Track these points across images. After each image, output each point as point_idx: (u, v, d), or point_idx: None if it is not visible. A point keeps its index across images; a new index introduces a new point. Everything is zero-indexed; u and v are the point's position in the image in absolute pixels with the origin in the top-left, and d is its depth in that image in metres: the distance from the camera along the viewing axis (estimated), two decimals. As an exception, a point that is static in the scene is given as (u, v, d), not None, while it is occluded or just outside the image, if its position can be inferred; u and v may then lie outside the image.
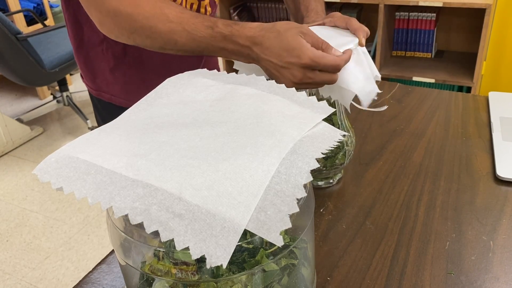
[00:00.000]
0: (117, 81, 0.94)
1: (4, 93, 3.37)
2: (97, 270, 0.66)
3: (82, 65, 0.97)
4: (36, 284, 1.80)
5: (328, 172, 0.77)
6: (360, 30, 0.72)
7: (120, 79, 0.94)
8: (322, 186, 0.80)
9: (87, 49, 0.94)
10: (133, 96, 0.62)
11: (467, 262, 0.64)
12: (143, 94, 0.57)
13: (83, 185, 0.42)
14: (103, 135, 0.50)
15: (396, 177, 0.82)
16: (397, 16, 2.50)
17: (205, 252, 0.37)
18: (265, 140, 0.45)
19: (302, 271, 0.51)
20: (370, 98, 0.71)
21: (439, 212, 0.73)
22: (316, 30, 0.73)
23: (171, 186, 0.41)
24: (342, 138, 0.50)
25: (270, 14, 2.86)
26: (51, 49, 2.60)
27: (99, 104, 1.00)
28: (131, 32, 0.70)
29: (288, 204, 0.40)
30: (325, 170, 0.76)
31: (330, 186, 0.80)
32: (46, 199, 2.27)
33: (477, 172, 0.82)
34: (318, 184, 0.79)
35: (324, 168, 0.75)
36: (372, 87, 0.72)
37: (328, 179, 0.80)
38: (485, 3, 2.09)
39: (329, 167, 0.76)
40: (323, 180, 0.79)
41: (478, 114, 1.00)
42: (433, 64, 2.48)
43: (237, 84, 0.57)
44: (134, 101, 0.56)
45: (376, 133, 0.96)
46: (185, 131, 0.48)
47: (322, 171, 0.76)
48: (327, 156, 0.74)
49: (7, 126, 2.66)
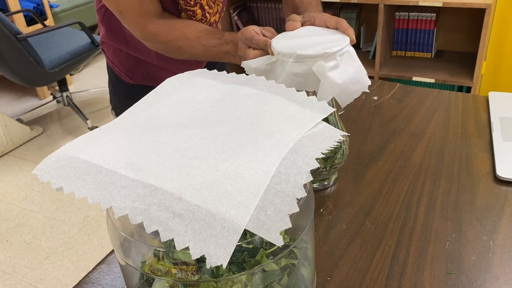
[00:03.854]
0: None
1: (4, 93, 3.37)
2: (97, 270, 0.66)
3: None
4: (36, 284, 1.80)
5: (328, 173, 0.77)
6: (350, 29, 0.75)
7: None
8: (319, 188, 0.79)
9: None
10: None
11: (467, 262, 0.64)
12: None
13: (83, 185, 0.42)
14: (103, 135, 0.50)
15: (396, 177, 0.82)
16: (397, 16, 2.50)
17: (205, 252, 0.37)
18: (265, 140, 0.45)
19: (302, 271, 0.51)
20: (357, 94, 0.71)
21: (439, 212, 0.73)
22: (308, 29, 0.75)
23: (171, 186, 0.41)
24: (342, 138, 0.50)
25: (270, 14, 2.86)
26: (51, 49, 2.60)
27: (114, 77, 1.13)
28: (167, 52, 0.94)
29: (288, 204, 0.40)
30: (325, 171, 0.76)
31: (327, 188, 0.80)
32: (46, 199, 2.27)
33: (477, 172, 0.82)
34: (314, 186, 0.79)
35: (324, 169, 0.75)
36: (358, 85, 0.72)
37: (323, 181, 0.79)
38: (485, 3, 2.09)
39: (329, 168, 0.76)
40: (319, 182, 0.79)
41: (478, 114, 1.00)
42: (433, 64, 2.48)
43: (237, 84, 0.57)
44: None
45: (376, 133, 0.96)
46: (185, 131, 0.48)
47: (322, 172, 0.76)
48: (327, 156, 0.74)
49: (7, 126, 2.66)
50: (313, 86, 0.69)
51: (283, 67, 0.69)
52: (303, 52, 0.67)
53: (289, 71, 0.68)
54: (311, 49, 0.67)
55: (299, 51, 0.67)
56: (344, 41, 0.70)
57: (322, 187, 0.79)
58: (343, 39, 0.70)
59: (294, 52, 0.67)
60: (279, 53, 0.69)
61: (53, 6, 3.32)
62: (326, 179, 0.79)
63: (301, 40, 0.71)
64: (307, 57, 0.67)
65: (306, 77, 0.68)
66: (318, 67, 0.67)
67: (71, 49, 2.59)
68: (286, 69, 0.68)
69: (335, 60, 0.68)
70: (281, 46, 0.70)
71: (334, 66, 0.68)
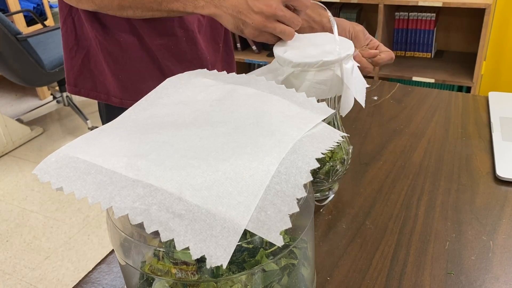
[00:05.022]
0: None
1: (4, 93, 3.37)
2: (97, 270, 0.66)
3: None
4: (36, 284, 1.80)
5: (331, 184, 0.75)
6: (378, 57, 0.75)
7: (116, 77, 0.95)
8: (320, 198, 0.78)
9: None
10: None
11: (467, 262, 0.64)
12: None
13: (83, 185, 0.42)
14: (103, 135, 0.50)
15: (396, 177, 0.82)
16: (397, 16, 2.50)
17: (205, 252, 0.37)
18: (265, 140, 0.46)
19: (302, 271, 0.51)
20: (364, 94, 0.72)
21: (439, 212, 0.73)
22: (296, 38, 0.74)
23: (171, 186, 0.41)
24: (342, 139, 0.50)
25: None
26: (51, 49, 2.60)
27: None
28: (98, 7, 0.77)
29: (288, 204, 0.40)
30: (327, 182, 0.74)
31: (327, 198, 0.78)
32: (46, 199, 2.27)
33: (477, 172, 0.82)
34: (316, 195, 0.77)
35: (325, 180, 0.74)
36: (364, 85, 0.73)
37: (324, 191, 0.77)
38: (484, 3, 2.09)
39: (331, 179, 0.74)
40: (320, 192, 0.77)
41: (478, 114, 1.01)
42: (432, 64, 2.48)
43: (237, 84, 0.57)
44: None
45: (376, 133, 0.96)
46: (185, 131, 0.48)
47: (324, 183, 0.74)
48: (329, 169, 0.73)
49: (7, 127, 2.66)
50: (335, 91, 0.69)
51: (300, 78, 0.67)
52: (328, 58, 0.65)
53: (311, 80, 0.67)
54: (330, 55, 0.66)
55: (324, 58, 0.65)
56: (347, 43, 0.70)
57: (323, 197, 0.78)
58: (346, 43, 0.70)
59: (320, 60, 0.65)
60: (299, 64, 0.66)
61: (53, 6, 3.33)
62: (327, 189, 0.78)
63: (305, 48, 0.70)
64: (332, 63, 0.66)
65: (330, 83, 0.67)
66: (342, 70, 0.67)
67: (71, 49, 2.59)
68: (308, 78, 0.67)
69: (351, 62, 0.69)
70: (297, 56, 0.67)
71: (352, 67, 0.69)
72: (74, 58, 0.96)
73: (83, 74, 0.97)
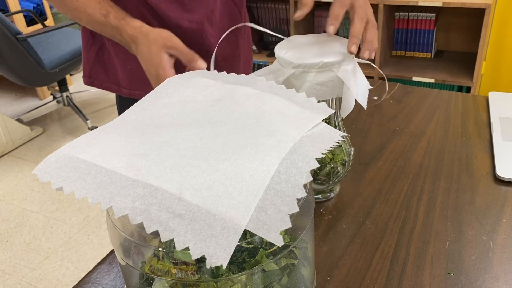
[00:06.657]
0: None
1: (4, 93, 3.37)
2: (97, 270, 0.66)
3: None
4: (36, 284, 1.80)
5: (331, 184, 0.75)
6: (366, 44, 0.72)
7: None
8: (322, 199, 0.78)
9: None
10: None
11: (467, 262, 0.64)
12: None
13: (83, 185, 0.42)
14: (103, 135, 0.50)
15: (396, 177, 0.82)
16: (397, 16, 2.50)
17: (205, 252, 0.37)
18: (265, 140, 0.45)
19: (302, 271, 0.51)
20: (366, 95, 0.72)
21: (439, 212, 0.73)
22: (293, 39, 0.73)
23: (171, 186, 0.41)
24: (342, 139, 0.50)
25: (270, 14, 2.86)
26: (51, 49, 2.60)
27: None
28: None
29: (288, 204, 0.40)
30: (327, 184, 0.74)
31: (329, 199, 0.78)
32: (46, 199, 2.27)
33: (477, 172, 0.82)
34: (317, 196, 0.78)
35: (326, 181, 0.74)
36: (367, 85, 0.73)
37: (325, 193, 0.78)
38: (484, 3, 2.09)
39: (332, 181, 0.74)
40: (321, 194, 0.78)
41: (478, 114, 1.01)
42: (432, 64, 2.48)
43: (237, 84, 0.57)
44: None
45: (376, 133, 0.96)
46: (185, 131, 0.48)
47: (325, 185, 0.74)
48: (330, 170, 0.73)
49: (7, 127, 2.66)
50: (336, 92, 0.69)
51: (301, 79, 0.67)
52: (329, 59, 0.65)
53: (312, 81, 0.67)
54: (332, 56, 0.66)
55: (325, 59, 0.65)
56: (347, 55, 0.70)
57: (325, 199, 0.78)
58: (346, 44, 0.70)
59: (320, 61, 0.65)
60: (300, 65, 0.66)
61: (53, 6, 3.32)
62: (329, 190, 0.78)
63: (306, 50, 0.70)
64: (333, 64, 0.66)
65: (331, 85, 0.67)
66: (342, 72, 0.66)
67: (71, 49, 2.60)
68: (308, 79, 0.67)
69: (353, 63, 0.69)
70: (298, 57, 0.67)
71: (353, 68, 0.68)
72: (89, 51, 0.99)
73: (97, 65, 1.00)
